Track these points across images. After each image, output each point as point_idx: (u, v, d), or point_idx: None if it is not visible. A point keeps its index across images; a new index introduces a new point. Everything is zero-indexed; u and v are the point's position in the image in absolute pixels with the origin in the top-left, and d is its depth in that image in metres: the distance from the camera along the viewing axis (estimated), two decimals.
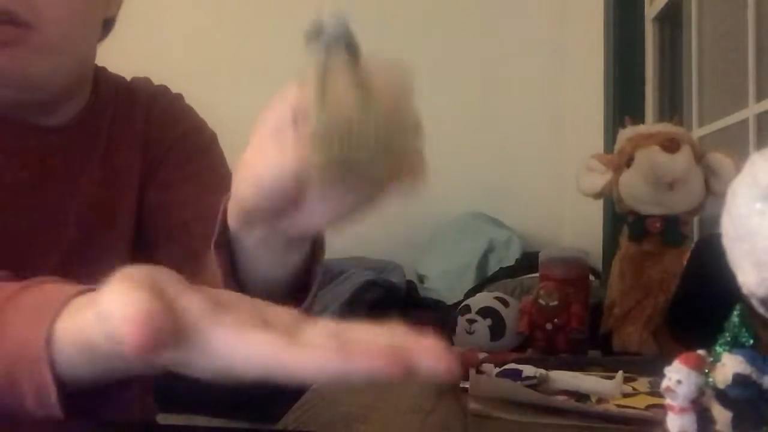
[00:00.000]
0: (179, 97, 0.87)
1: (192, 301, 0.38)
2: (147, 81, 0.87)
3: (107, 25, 0.80)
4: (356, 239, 2.82)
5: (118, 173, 0.80)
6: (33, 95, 0.72)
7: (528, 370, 0.85)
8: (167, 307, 0.36)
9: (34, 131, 0.75)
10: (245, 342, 0.36)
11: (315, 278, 0.59)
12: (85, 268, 0.49)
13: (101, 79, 0.82)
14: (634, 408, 0.78)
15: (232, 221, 0.53)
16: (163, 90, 0.87)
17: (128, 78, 0.87)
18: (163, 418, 0.89)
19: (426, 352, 0.34)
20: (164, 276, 0.39)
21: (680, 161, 1.15)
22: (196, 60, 3.08)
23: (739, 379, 0.39)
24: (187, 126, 0.85)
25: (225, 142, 0.87)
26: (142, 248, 0.80)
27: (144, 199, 0.81)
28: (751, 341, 0.42)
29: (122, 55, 0.93)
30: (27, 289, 0.47)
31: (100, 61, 0.83)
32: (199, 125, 0.87)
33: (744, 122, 1.77)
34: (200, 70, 3.00)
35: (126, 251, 0.79)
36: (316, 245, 0.59)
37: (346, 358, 0.34)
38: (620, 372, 0.86)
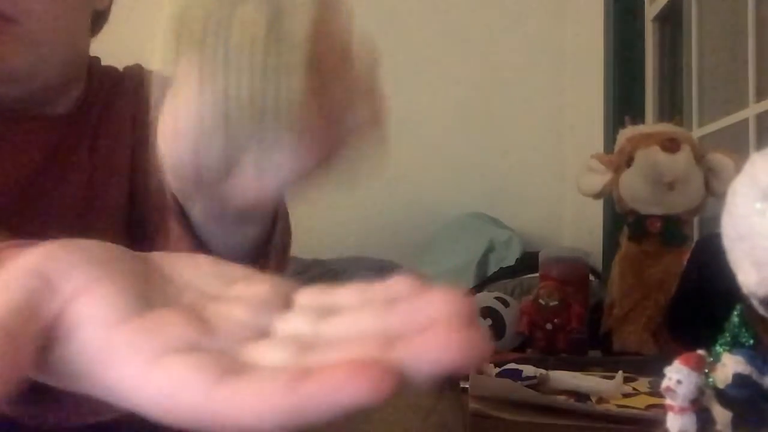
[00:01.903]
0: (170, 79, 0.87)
1: (103, 300, 0.27)
2: (137, 67, 0.86)
3: (99, 17, 0.80)
4: (356, 239, 2.83)
5: (107, 160, 0.79)
6: (19, 88, 0.72)
7: (528, 370, 0.85)
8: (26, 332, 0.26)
9: (30, 124, 0.75)
10: (158, 378, 0.25)
11: (273, 250, 0.52)
12: None
13: (93, 70, 0.82)
14: (634, 408, 0.78)
15: (173, 190, 0.47)
16: (153, 72, 0.86)
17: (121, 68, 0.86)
18: None
19: (429, 337, 0.23)
20: (78, 256, 0.29)
21: (680, 161, 1.15)
22: None
23: (739, 379, 0.39)
24: None
25: None
26: (137, 229, 0.79)
27: (136, 178, 0.80)
28: (751, 341, 0.42)
29: (122, 52, 0.93)
30: None
31: (99, 57, 0.83)
32: None
33: (744, 122, 1.77)
34: None
35: (120, 236, 0.79)
36: (277, 218, 0.52)
37: (300, 391, 0.23)
38: (620, 372, 0.86)
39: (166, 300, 0.28)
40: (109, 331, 0.26)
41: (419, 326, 0.24)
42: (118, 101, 0.82)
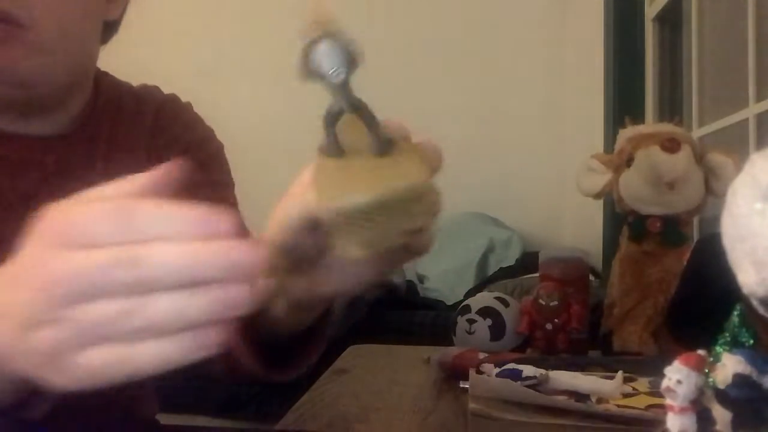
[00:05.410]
0: (188, 106, 0.87)
1: None
2: (156, 89, 0.87)
3: (110, 27, 0.80)
4: None
5: (121, 176, 0.79)
6: (26, 93, 0.72)
7: (528, 370, 0.85)
8: None
9: (34, 143, 0.75)
10: None
11: (319, 338, 0.66)
12: None
13: (103, 83, 0.82)
14: (634, 408, 0.78)
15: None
16: (173, 98, 0.87)
17: (135, 84, 0.86)
18: (163, 418, 0.89)
19: None
20: None
21: (680, 161, 1.15)
22: (194, 59, 3.08)
23: (739, 379, 0.39)
24: (197, 134, 0.85)
25: (224, 139, 0.87)
26: None
27: None
28: (751, 341, 0.42)
29: (122, 54, 0.93)
30: None
31: (100, 61, 0.83)
32: (208, 135, 0.87)
33: (744, 122, 1.78)
34: (199, 70, 3.00)
35: None
36: (329, 314, 0.65)
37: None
38: (620, 372, 0.86)
39: None
40: None
41: None
42: (136, 121, 0.82)
